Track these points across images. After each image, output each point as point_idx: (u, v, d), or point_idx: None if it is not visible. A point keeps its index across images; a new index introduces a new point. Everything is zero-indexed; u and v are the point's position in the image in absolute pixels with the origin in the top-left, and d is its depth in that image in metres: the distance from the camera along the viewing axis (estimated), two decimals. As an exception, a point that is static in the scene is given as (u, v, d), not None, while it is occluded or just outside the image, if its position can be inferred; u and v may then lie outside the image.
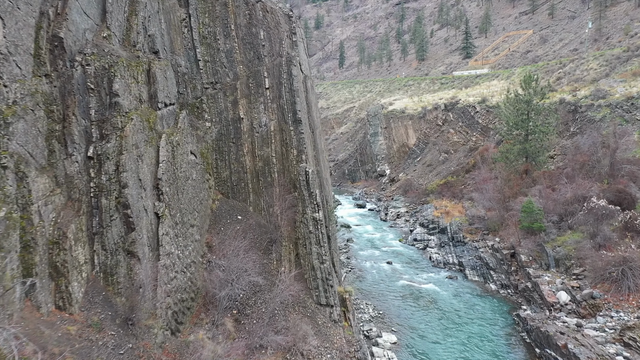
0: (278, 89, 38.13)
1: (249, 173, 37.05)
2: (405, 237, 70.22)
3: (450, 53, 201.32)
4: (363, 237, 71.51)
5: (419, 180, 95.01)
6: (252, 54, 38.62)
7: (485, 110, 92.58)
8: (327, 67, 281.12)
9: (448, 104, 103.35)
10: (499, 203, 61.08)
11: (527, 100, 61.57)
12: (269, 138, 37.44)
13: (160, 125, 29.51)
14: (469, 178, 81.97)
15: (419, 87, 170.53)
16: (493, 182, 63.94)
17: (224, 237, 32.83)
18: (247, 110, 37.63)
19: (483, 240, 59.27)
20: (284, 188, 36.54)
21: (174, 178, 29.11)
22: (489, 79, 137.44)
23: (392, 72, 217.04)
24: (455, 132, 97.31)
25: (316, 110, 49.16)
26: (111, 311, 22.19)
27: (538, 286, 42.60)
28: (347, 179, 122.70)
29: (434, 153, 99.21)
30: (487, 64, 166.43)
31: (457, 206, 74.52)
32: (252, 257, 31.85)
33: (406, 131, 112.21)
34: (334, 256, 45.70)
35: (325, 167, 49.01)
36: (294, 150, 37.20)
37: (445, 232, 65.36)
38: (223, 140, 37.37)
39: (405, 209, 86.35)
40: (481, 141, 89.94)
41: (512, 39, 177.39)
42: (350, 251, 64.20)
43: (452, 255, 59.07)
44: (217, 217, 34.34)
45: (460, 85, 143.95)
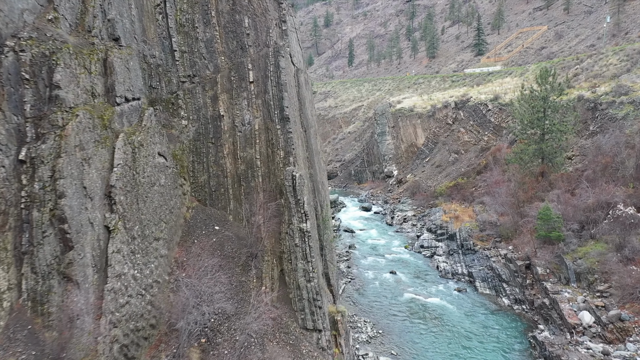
0: (264, 82, 33.94)
1: (229, 177, 32.90)
2: (411, 244, 65.75)
3: (461, 50, 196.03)
4: (367, 243, 67.15)
5: (427, 182, 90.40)
6: (235, 44, 34.48)
7: (498, 108, 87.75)
8: (336, 66, 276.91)
9: (458, 102, 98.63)
10: (513, 208, 56.44)
11: (544, 97, 56.82)
12: (253, 138, 33.28)
13: (119, 123, 25.45)
14: (480, 180, 77.29)
15: (429, 85, 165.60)
16: (506, 185, 59.26)
17: (197, 251, 28.70)
18: (228, 106, 33.49)
19: (495, 248, 54.68)
20: (269, 194, 32.39)
21: (134, 184, 25.02)
22: (502, 76, 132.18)
23: (402, 70, 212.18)
24: (466, 131, 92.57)
25: (311, 107, 44.95)
26: (36, 350, 18.15)
27: (557, 304, 37.99)
28: (354, 179, 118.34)
29: (444, 153, 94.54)
30: (500, 61, 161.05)
31: (467, 210, 69.89)
32: (227, 274, 27.74)
33: (415, 130, 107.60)
34: (330, 269, 41.47)
35: (321, 170, 44.80)
36: (280, 151, 33.00)
37: (454, 239, 60.83)
38: (201, 140, 33.27)
39: (413, 212, 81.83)
40: (493, 141, 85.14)
41: (526, 35, 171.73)
42: (352, 259, 59.89)
43: (461, 264, 54.54)
44: (191, 227, 30.24)
45: (471, 83, 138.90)
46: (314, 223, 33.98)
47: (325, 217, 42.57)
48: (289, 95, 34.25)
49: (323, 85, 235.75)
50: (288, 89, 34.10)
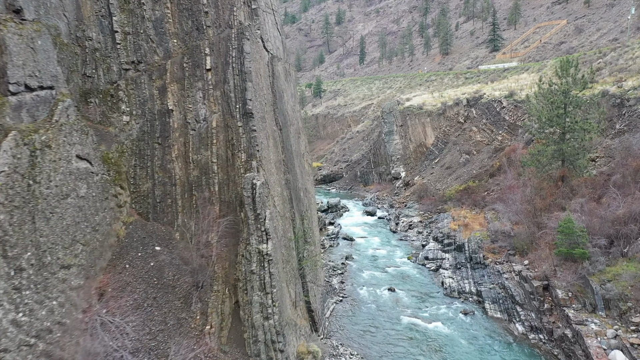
0: (223, 70, 28.02)
1: (178, 185, 27.07)
2: (415, 255, 59.34)
3: (476, 47, 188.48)
4: (366, 253, 60.92)
5: (436, 185, 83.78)
6: (191, 24, 28.63)
7: (513, 105, 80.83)
8: (347, 64, 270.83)
9: (471, 99, 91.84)
10: (529, 217, 49.79)
11: (564, 91, 50.02)
12: (209, 137, 27.40)
13: (14, 117, 19.69)
14: (492, 183, 70.56)
15: (441, 82, 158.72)
16: (521, 191, 52.59)
17: (127, 279, 22.89)
18: (179, 99, 27.65)
19: (508, 262, 48.12)
20: (227, 206, 26.52)
21: (29, 197, 19.23)
22: (518, 72, 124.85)
23: (414, 68, 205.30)
24: (479, 130, 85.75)
25: (293, 102, 38.97)
26: None
27: (581, 338, 31.46)
28: (359, 181, 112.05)
29: (454, 154, 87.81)
30: (516, 56, 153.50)
31: (477, 217, 63.24)
32: (163, 309, 21.89)
33: (424, 129, 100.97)
34: (311, 291, 35.47)
35: (304, 175, 38.82)
36: (242, 153, 27.05)
37: (463, 250, 54.33)
38: (146, 140, 27.47)
39: (419, 218, 75.34)
40: (508, 141, 78.28)
41: (544, 30, 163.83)
42: (347, 272, 53.71)
43: (469, 281, 48.07)
44: (124, 248, 24.41)
45: (486, 80, 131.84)
46: (280, 243, 27.92)
47: (308, 230, 36.59)
48: (255, 85, 28.27)
49: (333, 84, 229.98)
50: (254, 79, 28.13)
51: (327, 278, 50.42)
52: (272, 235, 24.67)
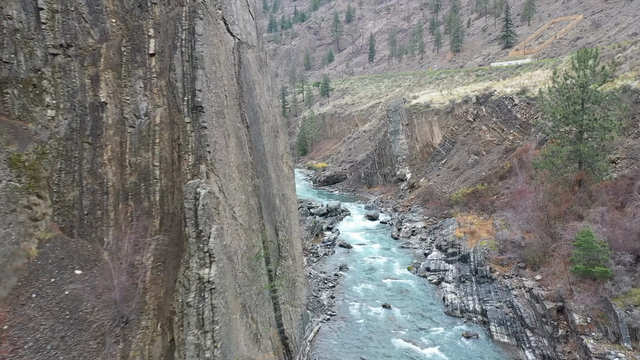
0: (170, 56, 23.36)
1: (111, 194, 22.44)
2: (416, 265, 54.24)
3: (488, 43, 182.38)
4: (363, 263, 55.95)
5: (442, 188, 78.52)
6: (133, 1, 24.01)
7: (526, 103, 75.33)
8: (356, 62, 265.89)
9: (480, 96, 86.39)
10: (541, 226, 44.54)
11: (582, 85, 44.67)
12: (151, 136, 22.75)
13: None
14: (502, 187, 65.22)
15: (452, 80, 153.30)
16: (533, 196, 47.27)
17: (31, 313, 18.31)
18: (115, 89, 23.01)
19: (517, 276, 42.94)
20: (171, 219, 21.85)
21: None
22: (532, 68, 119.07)
23: (424, 65, 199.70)
24: (488, 129, 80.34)
25: (269, 96, 34.09)
26: None
27: (603, 376, 26.32)
28: (364, 183, 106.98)
29: (462, 154, 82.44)
30: (530, 53, 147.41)
31: (485, 224, 57.99)
32: (72, 353, 17.29)
33: (431, 128, 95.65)
34: (286, 315, 30.64)
35: (282, 179, 33.99)
36: (189, 155, 22.34)
37: (468, 261, 49.17)
38: (74, 139, 22.87)
39: (423, 223, 70.18)
40: (520, 140, 72.83)
41: (559, 26, 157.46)
42: (340, 284, 48.83)
43: (473, 297, 42.92)
44: (34, 272, 19.80)
45: (498, 77, 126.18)
46: (239, 263, 23.06)
47: (284, 243, 31.79)
48: (210, 74, 23.53)
49: (341, 82, 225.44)
50: (207, 66, 23.38)
51: (315, 292, 45.59)
52: (218, 256, 19.89)
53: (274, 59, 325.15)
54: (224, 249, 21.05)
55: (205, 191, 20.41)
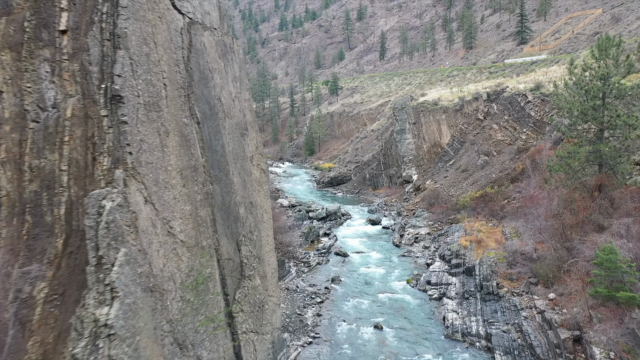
0: (86, 33, 18.79)
1: (5, 205, 17.82)
2: (416, 277, 49.21)
3: (502, 40, 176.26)
4: (357, 274, 51.07)
5: (449, 190, 73.27)
6: (45, -34, 19.46)
7: (540, 100, 69.86)
8: (367, 60, 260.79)
9: (492, 93, 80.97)
10: (556, 236, 39.33)
11: (603, 76, 39.35)
12: (60, 133, 18.16)
13: None
14: (514, 190, 59.88)
15: (464, 77, 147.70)
16: (546, 203, 42.01)
17: None
18: (13, 75, 18.42)
19: (528, 294, 37.84)
20: (81, 239, 17.25)
21: None
22: (547, 64, 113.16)
23: (436, 63, 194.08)
24: (500, 128, 74.93)
25: (236, 88, 29.33)
26: None
27: None
28: (368, 184, 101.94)
29: (471, 155, 77.10)
30: (546, 49, 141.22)
31: (494, 231, 52.78)
32: None
33: (439, 127, 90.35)
34: (247, 347, 25.84)
35: (251, 184, 29.25)
36: (104, 157, 17.72)
37: (472, 274, 44.08)
38: (-36, 136, 18.40)
39: (428, 229, 65.04)
40: (533, 140, 67.42)
41: (577, 21, 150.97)
42: (330, 300, 43.99)
43: (477, 318, 37.81)
44: None
45: (511, 74, 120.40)
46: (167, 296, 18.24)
47: (249, 260, 27.07)
48: (137, 56, 18.88)
49: (351, 81, 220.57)
50: (133, 46, 18.75)
51: (300, 309, 40.81)
52: (125, 290, 15.18)
53: (285, 57, 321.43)
54: (140, 278, 16.37)
55: (112, 204, 15.75)
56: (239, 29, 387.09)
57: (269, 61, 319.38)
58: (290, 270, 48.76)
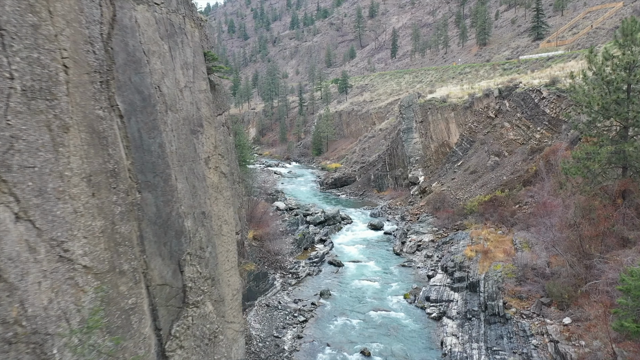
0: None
1: None
2: (415, 292, 44.23)
3: (517, 36, 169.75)
4: (351, 288, 46.23)
5: (456, 193, 68.02)
6: None
7: (556, 96, 64.29)
8: (378, 58, 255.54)
9: (504, 89, 75.49)
10: (572, 250, 34.12)
11: (628, 65, 34.03)
12: None
13: None
14: (526, 195, 54.56)
15: (476, 74, 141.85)
16: (562, 210, 36.78)
17: None
18: None
19: (539, 316, 32.76)
20: None
21: None
22: (564, 60, 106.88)
23: (448, 60, 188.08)
24: (512, 126, 69.49)
25: (188, 76, 24.65)
26: None
27: None
28: (373, 186, 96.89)
29: (481, 155, 71.73)
30: (563, 45, 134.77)
31: (503, 241, 47.58)
32: None
33: (447, 126, 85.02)
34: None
35: (203, 191, 24.47)
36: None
37: (477, 290, 39.04)
38: None
39: (432, 236, 59.91)
40: (548, 139, 61.93)
41: (596, 15, 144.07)
42: (314, 319, 39.19)
43: (479, 345, 32.75)
44: None
45: (526, 70, 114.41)
46: (59, 342, 13.64)
47: (196, 282, 22.46)
48: (13, 27, 14.33)
49: (361, 79, 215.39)
50: (8, 13, 14.20)
51: (278, 331, 36.08)
52: None
53: (295, 56, 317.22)
54: None
55: None
56: (251, 28, 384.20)
57: (279, 60, 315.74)
58: (275, 283, 44.07)
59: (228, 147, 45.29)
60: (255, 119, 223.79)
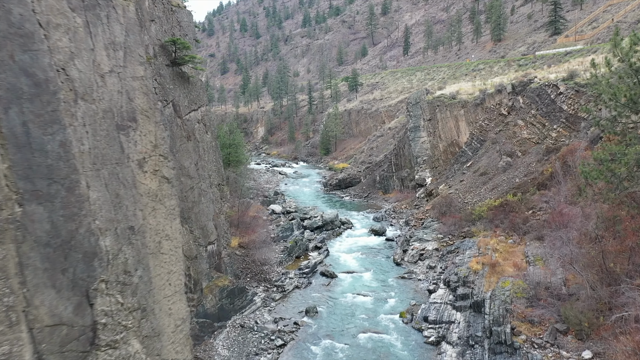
0: None
1: None
2: (412, 310, 39.24)
3: (534, 31, 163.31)
4: (342, 303, 41.39)
5: (465, 197, 62.73)
6: None
7: (574, 90, 58.69)
8: (390, 56, 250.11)
9: (517, 84, 69.94)
10: (593, 268, 28.91)
11: (661, 49, 28.71)
12: None
13: None
14: (540, 199, 49.26)
15: (490, 71, 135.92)
16: (581, 221, 31.52)
17: None
18: None
19: (554, 347, 27.67)
20: None
21: None
22: (583, 54, 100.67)
23: (461, 57, 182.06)
24: (526, 124, 64.02)
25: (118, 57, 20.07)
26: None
27: None
28: (378, 188, 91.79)
29: (492, 156, 66.34)
30: (582, 39, 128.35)
31: (513, 251, 42.41)
32: None
33: (456, 124, 79.65)
34: None
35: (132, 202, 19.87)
36: None
37: (481, 311, 33.98)
38: None
39: (436, 243, 54.80)
40: (565, 138, 56.47)
41: (617, 8, 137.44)
42: (294, 342, 34.40)
43: (482, 380, 27.72)
44: None
45: (542, 65, 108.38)
46: None
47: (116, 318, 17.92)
48: None
49: (372, 77, 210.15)
50: None
51: (249, 359, 31.35)
52: None
53: (307, 54, 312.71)
54: None
55: None
56: (263, 27, 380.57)
57: (291, 58, 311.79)
58: (254, 299, 39.31)
59: (204, 146, 40.69)
60: (263, 118, 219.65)
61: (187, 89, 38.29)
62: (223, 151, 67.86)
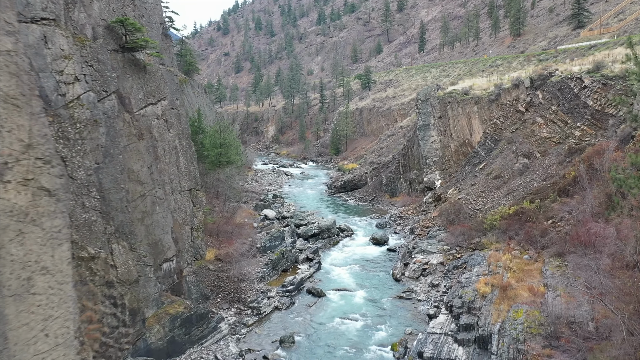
0: None
1: None
2: (406, 341, 32.99)
3: (555, 25, 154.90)
4: (326, 330, 35.28)
5: (476, 203, 56.14)
6: None
7: (601, 84, 51.66)
8: (405, 53, 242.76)
9: (536, 78, 62.99)
10: (629, 304, 22.42)
11: None
12: None
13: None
14: (561, 208, 42.58)
15: (509, 67, 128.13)
16: (614, 244, 25.00)
17: None
18: None
19: (579, 407, 21.16)
20: None
21: None
22: (609, 47, 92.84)
23: (479, 53, 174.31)
24: (546, 121, 57.18)
25: None
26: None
27: None
28: (385, 190, 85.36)
29: (507, 157, 59.60)
30: (607, 32, 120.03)
31: (529, 270, 35.92)
32: None
33: (469, 122, 72.91)
34: None
35: None
36: None
37: (487, 348, 27.73)
38: None
39: (441, 256, 48.39)
40: (590, 137, 49.60)
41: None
42: (260, 382, 28.42)
43: None
44: None
45: (564, 59, 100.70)
46: None
47: None
48: None
49: (385, 74, 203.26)
50: None
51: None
52: None
53: (321, 52, 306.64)
54: None
55: None
56: (278, 25, 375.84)
57: (305, 56, 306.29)
58: (219, 326, 33.35)
59: (164, 146, 34.96)
60: (274, 117, 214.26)
61: (142, 79, 32.64)
62: (213, 151, 62.36)
